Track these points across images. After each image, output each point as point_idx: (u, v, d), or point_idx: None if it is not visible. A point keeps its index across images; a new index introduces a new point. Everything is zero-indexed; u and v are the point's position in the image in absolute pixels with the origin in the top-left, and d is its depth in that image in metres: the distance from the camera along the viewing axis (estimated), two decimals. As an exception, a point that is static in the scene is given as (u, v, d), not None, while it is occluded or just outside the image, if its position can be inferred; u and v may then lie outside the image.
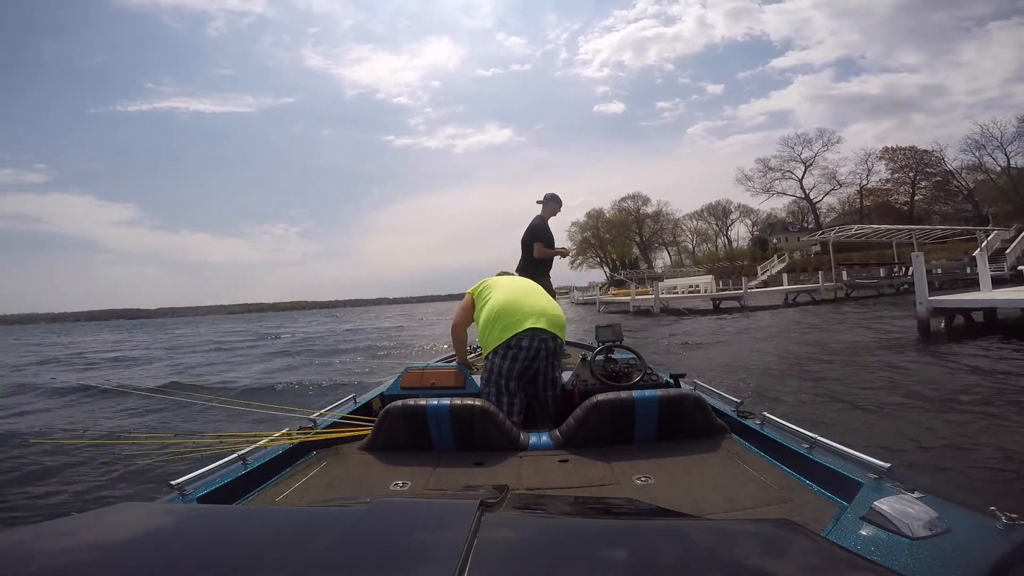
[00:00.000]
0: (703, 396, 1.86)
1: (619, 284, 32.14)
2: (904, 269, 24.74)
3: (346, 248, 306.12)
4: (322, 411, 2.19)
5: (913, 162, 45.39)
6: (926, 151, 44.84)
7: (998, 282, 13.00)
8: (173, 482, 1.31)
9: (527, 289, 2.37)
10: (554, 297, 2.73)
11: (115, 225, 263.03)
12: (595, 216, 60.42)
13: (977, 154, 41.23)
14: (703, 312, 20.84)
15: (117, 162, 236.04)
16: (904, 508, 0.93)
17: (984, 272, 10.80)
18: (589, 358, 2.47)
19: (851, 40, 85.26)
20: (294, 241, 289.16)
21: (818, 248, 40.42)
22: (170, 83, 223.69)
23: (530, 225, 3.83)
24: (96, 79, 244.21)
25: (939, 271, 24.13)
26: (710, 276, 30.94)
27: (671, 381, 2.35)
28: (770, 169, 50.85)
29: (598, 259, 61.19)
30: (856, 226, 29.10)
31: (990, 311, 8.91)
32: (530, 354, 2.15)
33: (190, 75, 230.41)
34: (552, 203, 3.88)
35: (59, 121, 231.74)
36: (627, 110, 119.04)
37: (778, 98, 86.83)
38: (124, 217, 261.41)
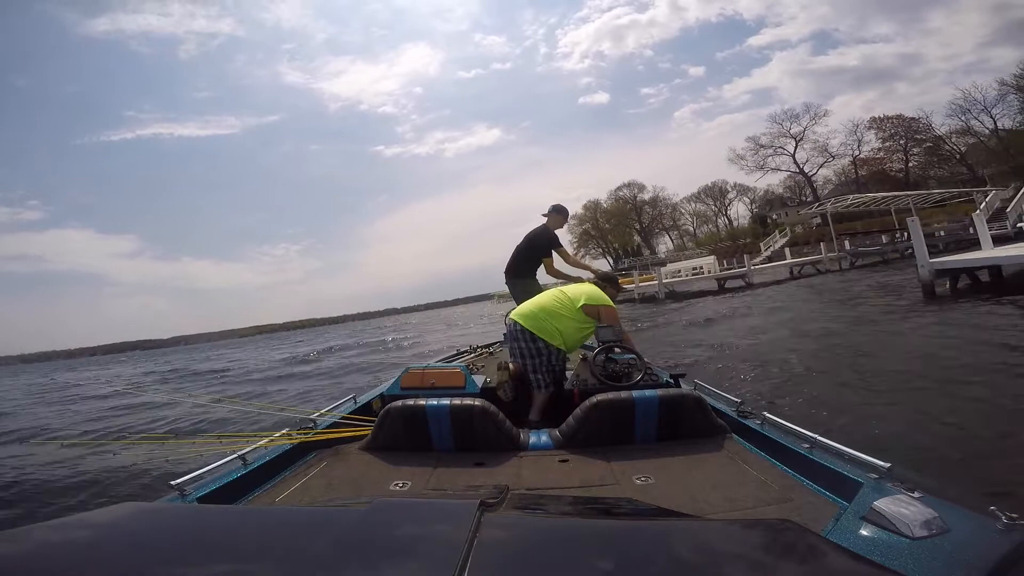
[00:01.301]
0: (703, 396, 1.86)
1: (626, 272, 32.19)
2: (905, 234, 24.59)
3: (347, 262, 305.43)
4: (322, 411, 2.19)
5: (902, 130, 45.14)
6: (913, 118, 44.64)
7: (1003, 240, 12.87)
8: (173, 482, 1.32)
9: (540, 294, 2.87)
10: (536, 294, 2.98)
11: (117, 257, 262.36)
12: (592, 207, 60.15)
13: (963, 118, 40.90)
14: (709, 293, 20.78)
15: (111, 194, 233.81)
16: (904, 508, 0.93)
17: (983, 231, 10.75)
18: (589, 358, 2.47)
19: (822, 14, 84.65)
20: (295, 260, 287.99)
21: (819, 220, 40.14)
22: (150, 109, 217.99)
23: (546, 233, 3.84)
24: (74, 110, 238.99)
25: (942, 233, 24.01)
26: (712, 257, 30.77)
27: (671, 381, 2.35)
28: (761, 147, 50.59)
29: (600, 250, 61.02)
30: (852, 196, 28.99)
31: (995, 269, 8.87)
32: (512, 335, 2.66)
33: (169, 100, 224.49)
34: (558, 215, 3.92)
35: (44, 156, 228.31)
36: (612, 99, 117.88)
37: (760, 76, 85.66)
38: (125, 249, 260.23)
